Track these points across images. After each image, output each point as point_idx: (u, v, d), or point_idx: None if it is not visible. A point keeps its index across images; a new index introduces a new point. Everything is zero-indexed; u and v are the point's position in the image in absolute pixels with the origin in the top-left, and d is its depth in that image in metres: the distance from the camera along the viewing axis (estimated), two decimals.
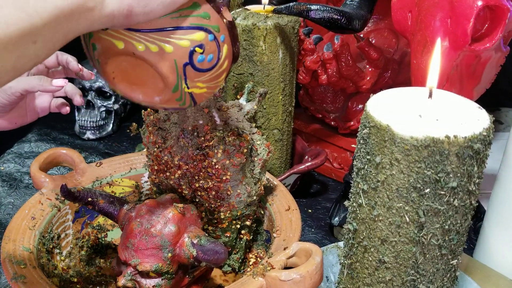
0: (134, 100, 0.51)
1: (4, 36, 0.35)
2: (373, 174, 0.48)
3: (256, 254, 0.70)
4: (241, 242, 0.68)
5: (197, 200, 0.63)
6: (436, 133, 0.43)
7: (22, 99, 0.67)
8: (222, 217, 0.63)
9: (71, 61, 0.72)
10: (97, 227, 0.73)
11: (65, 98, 0.74)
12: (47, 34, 0.37)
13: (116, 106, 1.12)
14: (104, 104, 1.10)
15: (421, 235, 0.47)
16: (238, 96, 0.72)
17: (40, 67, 0.70)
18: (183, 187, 0.62)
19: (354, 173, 0.52)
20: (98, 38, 0.47)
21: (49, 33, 0.37)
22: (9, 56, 0.36)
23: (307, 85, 0.95)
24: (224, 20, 0.49)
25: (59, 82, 0.66)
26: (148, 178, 0.73)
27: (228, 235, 0.66)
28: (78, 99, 0.71)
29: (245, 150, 0.60)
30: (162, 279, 0.56)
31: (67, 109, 0.72)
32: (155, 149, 0.62)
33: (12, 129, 0.71)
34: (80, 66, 0.72)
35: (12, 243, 0.59)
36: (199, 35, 0.47)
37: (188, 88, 0.49)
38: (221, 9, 0.49)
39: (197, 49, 0.47)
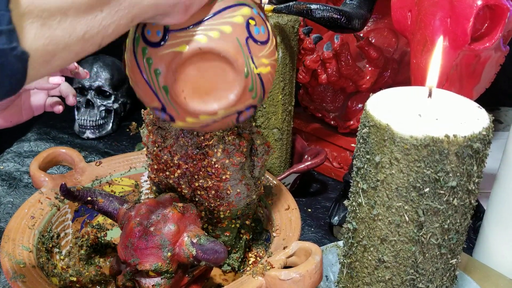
0: (210, 115, 0.50)
1: (76, 1, 0.36)
2: (373, 174, 0.48)
3: (255, 254, 0.70)
4: (241, 241, 0.68)
5: (196, 199, 0.63)
6: (436, 133, 0.43)
7: (18, 96, 0.67)
8: (222, 216, 0.63)
9: None
10: (96, 226, 0.73)
11: (60, 97, 0.73)
12: (112, 4, 0.38)
13: (115, 105, 1.12)
14: (104, 103, 1.10)
15: (420, 234, 0.47)
16: None
17: None
18: (183, 186, 0.62)
19: (354, 173, 0.52)
20: (160, 58, 0.47)
21: (114, 3, 0.38)
22: (79, 23, 0.37)
23: (306, 85, 0.95)
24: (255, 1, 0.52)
25: (56, 79, 0.66)
26: (147, 177, 0.73)
27: (227, 235, 0.66)
28: (71, 99, 0.71)
29: (245, 150, 0.60)
30: (161, 279, 0.56)
31: (59, 108, 0.72)
32: (155, 148, 0.62)
33: (7, 127, 0.71)
34: (75, 64, 0.71)
35: (12, 243, 0.59)
36: (246, 10, 0.49)
37: (256, 67, 0.50)
38: None
39: (250, 21, 0.49)
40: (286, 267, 0.56)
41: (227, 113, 0.51)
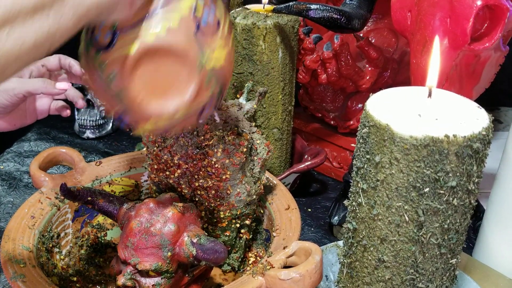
0: (169, 117, 0.48)
1: (23, 7, 0.35)
2: (373, 173, 0.48)
3: (255, 253, 0.70)
4: (241, 241, 0.68)
5: (196, 199, 0.63)
6: (436, 133, 0.43)
7: (24, 100, 0.68)
8: (222, 216, 0.63)
9: (74, 65, 0.72)
10: (96, 226, 0.73)
11: (65, 101, 0.74)
12: (55, 8, 0.37)
13: None
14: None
15: (420, 234, 0.47)
16: (238, 95, 0.72)
17: (42, 70, 0.70)
18: (183, 186, 0.62)
19: (354, 172, 0.52)
20: (112, 61, 0.45)
21: (57, 8, 0.37)
22: (28, 32, 0.36)
23: (306, 85, 0.95)
24: None
25: (63, 85, 0.67)
26: (147, 177, 0.73)
27: (227, 234, 0.66)
28: (80, 103, 0.71)
29: (245, 149, 0.61)
30: (161, 278, 0.56)
31: (67, 112, 0.73)
32: (155, 148, 0.62)
33: (11, 130, 0.71)
34: (83, 70, 0.71)
35: (12, 242, 0.59)
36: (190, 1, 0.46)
37: (210, 59, 0.47)
38: None
39: (196, 12, 0.46)
40: (286, 267, 0.56)
41: (186, 113, 0.49)
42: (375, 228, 0.50)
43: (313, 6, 0.73)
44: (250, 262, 0.69)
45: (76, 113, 1.09)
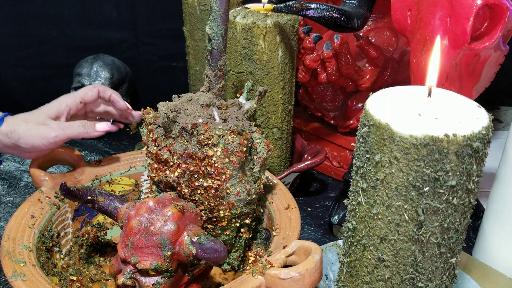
0: None
1: None
2: (372, 173, 0.48)
3: (255, 253, 0.71)
4: (241, 240, 0.68)
5: (196, 198, 0.63)
6: (435, 132, 0.43)
7: (60, 145, 0.67)
8: (222, 215, 0.63)
9: (118, 100, 0.71)
10: (96, 226, 0.73)
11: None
12: None
13: None
14: None
15: (420, 233, 0.47)
16: (238, 95, 0.72)
17: (80, 106, 0.69)
18: (183, 185, 0.62)
19: (354, 172, 0.52)
20: None
21: None
22: None
23: (306, 84, 0.95)
24: None
25: (102, 126, 0.67)
26: (147, 176, 0.73)
27: (227, 234, 0.66)
28: (113, 128, 0.73)
29: (245, 149, 0.60)
30: (161, 277, 0.56)
31: (120, 125, 0.74)
32: (155, 147, 0.62)
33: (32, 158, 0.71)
34: (128, 105, 0.71)
35: (12, 242, 0.59)
36: None
37: None
38: None
39: None
40: (285, 266, 0.56)
41: None
42: (375, 227, 0.50)
43: (313, 5, 0.73)
44: (250, 261, 0.69)
45: None
